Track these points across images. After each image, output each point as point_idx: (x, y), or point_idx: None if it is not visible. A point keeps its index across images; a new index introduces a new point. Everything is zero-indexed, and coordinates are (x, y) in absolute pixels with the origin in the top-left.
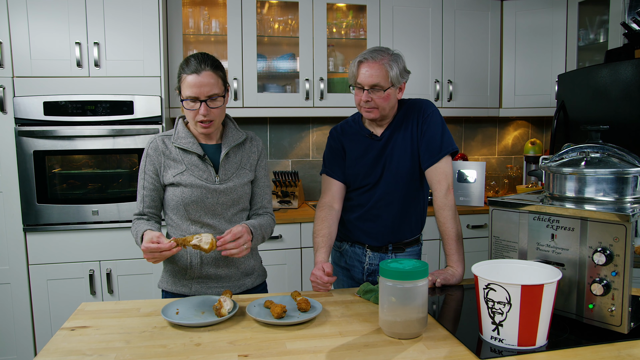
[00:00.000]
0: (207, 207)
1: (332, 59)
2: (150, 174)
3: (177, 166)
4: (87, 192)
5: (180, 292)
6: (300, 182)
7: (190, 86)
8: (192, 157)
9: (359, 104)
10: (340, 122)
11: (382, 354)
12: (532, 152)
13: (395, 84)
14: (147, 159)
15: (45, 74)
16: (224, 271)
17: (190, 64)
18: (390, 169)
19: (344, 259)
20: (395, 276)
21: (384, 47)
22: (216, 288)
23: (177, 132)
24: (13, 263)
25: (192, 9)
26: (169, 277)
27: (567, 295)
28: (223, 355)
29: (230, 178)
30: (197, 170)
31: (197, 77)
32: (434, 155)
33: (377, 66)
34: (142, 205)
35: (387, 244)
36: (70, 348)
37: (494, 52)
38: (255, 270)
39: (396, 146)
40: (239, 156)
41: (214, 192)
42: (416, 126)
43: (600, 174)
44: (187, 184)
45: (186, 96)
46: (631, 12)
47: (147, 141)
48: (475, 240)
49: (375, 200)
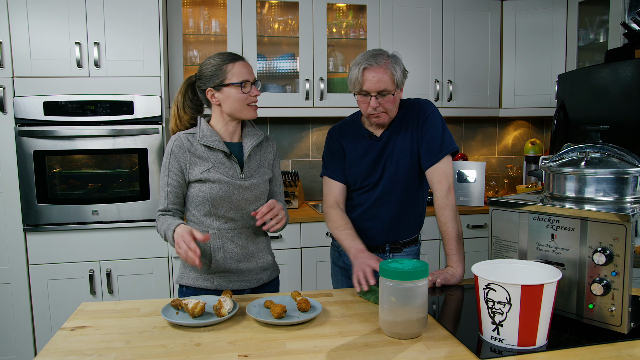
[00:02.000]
0: (233, 203)
1: (332, 59)
2: (175, 171)
3: (203, 163)
4: (87, 192)
5: (203, 287)
6: (300, 182)
7: (241, 70)
8: (218, 154)
9: (366, 111)
10: (339, 122)
11: (382, 354)
12: (532, 152)
13: (399, 86)
14: (171, 156)
15: (45, 74)
16: (244, 265)
17: (228, 55)
18: (390, 170)
19: (342, 258)
20: (395, 276)
21: (381, 50)
22: (237, 282)
23: (202, 130)
24: (13, 263)
25: (192, 9)
26: (191, 272)
27: (567, 295)
28: (223, 355)
29: (253, 175)
30: (223, 167)
31: (243, 62)
32: (435, 155)
33: (383, 71)
34: (166, 202)
35: (385, 243)
36: (70, 348)
37: (494, 52)
38: (272, 265)
39: (396, 146)
40: (259, 155)
41: (239, 188)
42: (416, 126)
43: (600, 174)
44: (214, 180)
45: (239, 80)
46: (631, 12)
47: (171, 139)
48: (475, 240)
49: (374, 200)
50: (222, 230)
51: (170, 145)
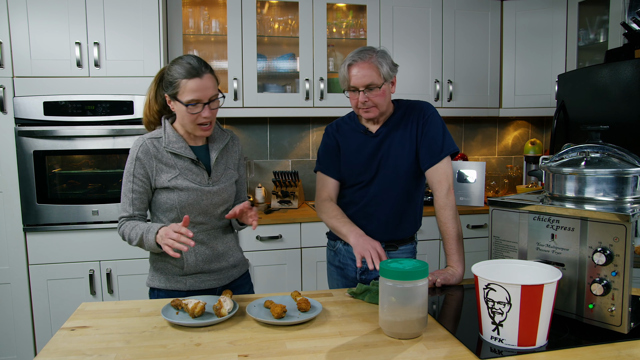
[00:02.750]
0: (202, 208)
1: (332, 59)
2: (140, 177)
3: (170, 170)
4: (87, 192)
5: (175, 289)
6: (300, 182)
7: (194, 90)
8: (185, 161)
9: (356, 106)
10: (337, 119)
11: (382, 354)
12: (532, 152)
13: (387, 80)
14: (136, 162)
15: (45, 74)
16: (216, 265)
17: (189, 68)
18: (387, 167)
19: (338, 257)
20: (395, 276)
21: (369, 47)
22: (209, 281)
23: (168, 135)
24: (13, 263)
25: (192, 9)
26: (161, 275)
27: (567, 295)
28: (223, 355)
29: (220, 179)
30: (190, 174)
31: (200, 80)
32: (436, 155)
33: (367, 65)
34: (132, 208)
35: (380, 242)
36: (70, 348)
37: (494, 52)
38: (241, 261)
39: (393, 144)
40: (225, 157)
41: (207, 194)
42: (416, 126)
43: (600, 174)
44: (182, 187)
45: (189, 100)
46: (631, 12)
47: (134, 143)
48: (475, 240)
49: (370, 198)
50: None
51: (134, 150)
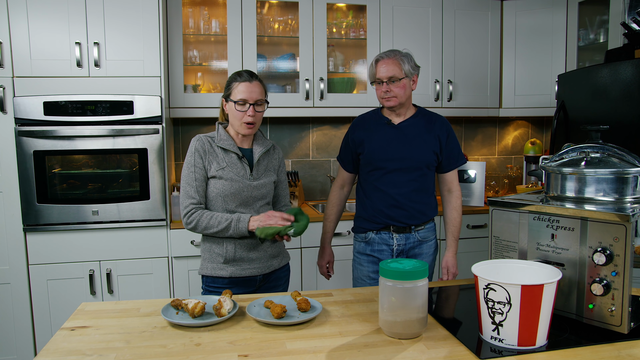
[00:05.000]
0: (243, 199)
1: (332, 59)
2: (200, 167)
3: (219, 162)
4: (87, 192)
5: (219, 275)
6: (300, 182)
7: (243, 91)
8: (232, 156)
9: (380, 96)
10: (362, 114)
11: (382, 354)
12: (532, 152)
13: (408, 76)
14: (195, 153)
15: (45, 74)
16: (254, 254)
17: (243, 75)
18: (410, 155)
19: (370, 247)
20: (395, 276)
21: (396, 49)
22: (249, 269)
23: (220, 135)
24: (13, 263)
25: (192, 9)
26: (208, 263)
27: (567, 295)
28: (223, 355)
29: (261, 176)
30: (235, 168)
31: (249, 84)
32: (453, 164)
33: (392, 61)
34: (197, 195)
35: (410, 225)
36: (70, 348)
37: (494, 52)
38: (281, 252)
39: (416, 136)
40: (267, 160)
41: (248, 187)
42: (440, 132)
43: (600, 174)
44: (227, 177)
45: (238, 99)
46: (631, 12)
47: (192, 140)
48: (475, 240)
49: (399, 186)
50: None
51: (193, 145)
